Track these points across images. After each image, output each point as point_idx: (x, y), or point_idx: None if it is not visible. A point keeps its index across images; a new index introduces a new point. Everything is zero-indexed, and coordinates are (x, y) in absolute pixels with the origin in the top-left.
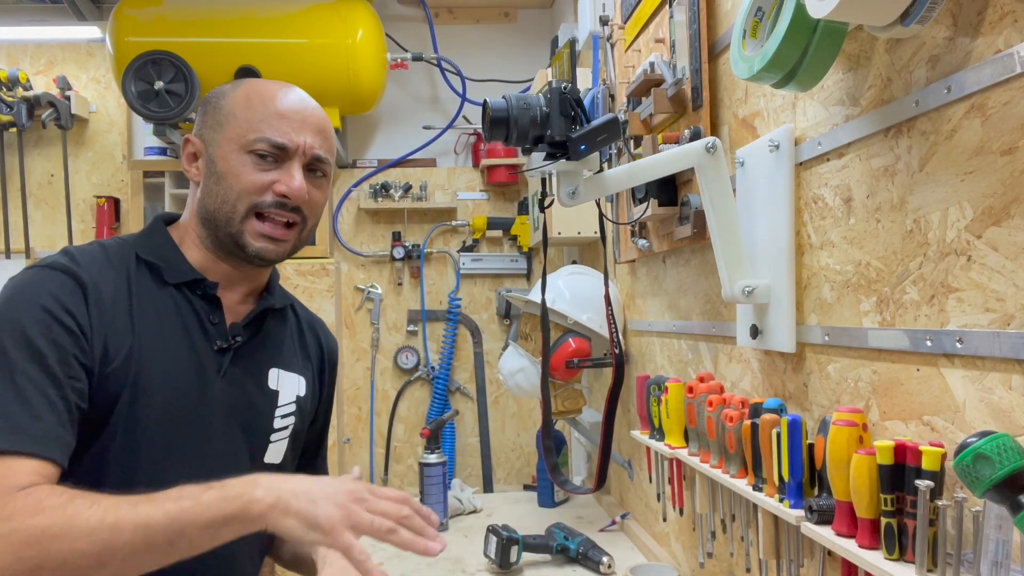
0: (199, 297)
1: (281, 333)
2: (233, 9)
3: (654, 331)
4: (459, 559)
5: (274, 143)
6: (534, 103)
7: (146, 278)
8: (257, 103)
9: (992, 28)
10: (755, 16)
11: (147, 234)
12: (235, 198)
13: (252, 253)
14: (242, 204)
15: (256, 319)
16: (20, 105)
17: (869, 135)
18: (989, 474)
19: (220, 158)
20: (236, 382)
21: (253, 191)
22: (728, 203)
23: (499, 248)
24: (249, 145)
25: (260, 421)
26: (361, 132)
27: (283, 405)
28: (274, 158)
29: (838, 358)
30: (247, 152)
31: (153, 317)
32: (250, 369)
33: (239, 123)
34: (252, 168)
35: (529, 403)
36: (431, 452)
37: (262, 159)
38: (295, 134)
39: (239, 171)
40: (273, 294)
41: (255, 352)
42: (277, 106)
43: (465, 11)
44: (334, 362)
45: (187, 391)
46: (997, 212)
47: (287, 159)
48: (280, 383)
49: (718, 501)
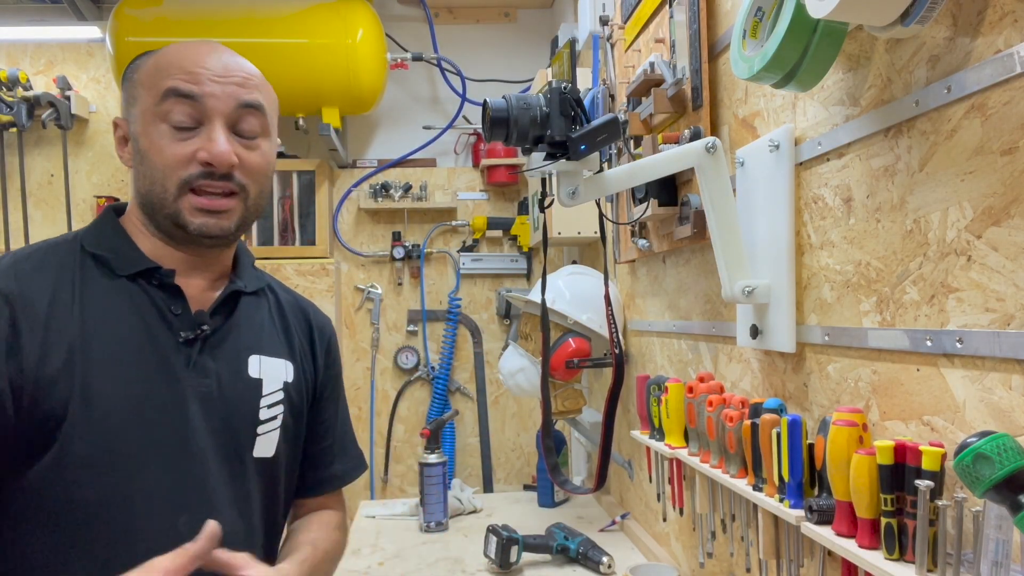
0: (156, 287)
1: (259, 317)
2: (233, 9)
3: (654, 331)
4: (459, 559)
5: (180, 91)
6: (534, 103)
7: (94, 273)
8: (164, 64)
9: (992, 28)
10: (755, 16)
11: (95, 225)
12: (162, 176)
13: (194, 231)
14: (170, 181)
15: (225, 305)
16: (20, 105)
17: (869, 135)
18: (989, 474)
19: (141, 135)
20: (210, 374)
21: (177, 165)
22: (728, 203)
23: (499, 248)
24: (162, 113)
25: (243, 413)
26: (361, 132)
27: (269, 394)
28: (191, 122)
29: (838, 358)
30: (162, 121)
31: (103, 314)
32: (225, 358)
33: (150, 92)
34: (171, 139)
35: (529, 403)
36: (431, 452)
37: (179, 128)
38: (205, 82)
39: (159, 145)
40: (242, 276)
41: (230, 340)
42: (182, 57)
43: (465, 11)
44: (329, 340)
45: (151, 389)
46: (997, 212)
47: (206, 121)
48: (263, 370)
49: (718, 501)
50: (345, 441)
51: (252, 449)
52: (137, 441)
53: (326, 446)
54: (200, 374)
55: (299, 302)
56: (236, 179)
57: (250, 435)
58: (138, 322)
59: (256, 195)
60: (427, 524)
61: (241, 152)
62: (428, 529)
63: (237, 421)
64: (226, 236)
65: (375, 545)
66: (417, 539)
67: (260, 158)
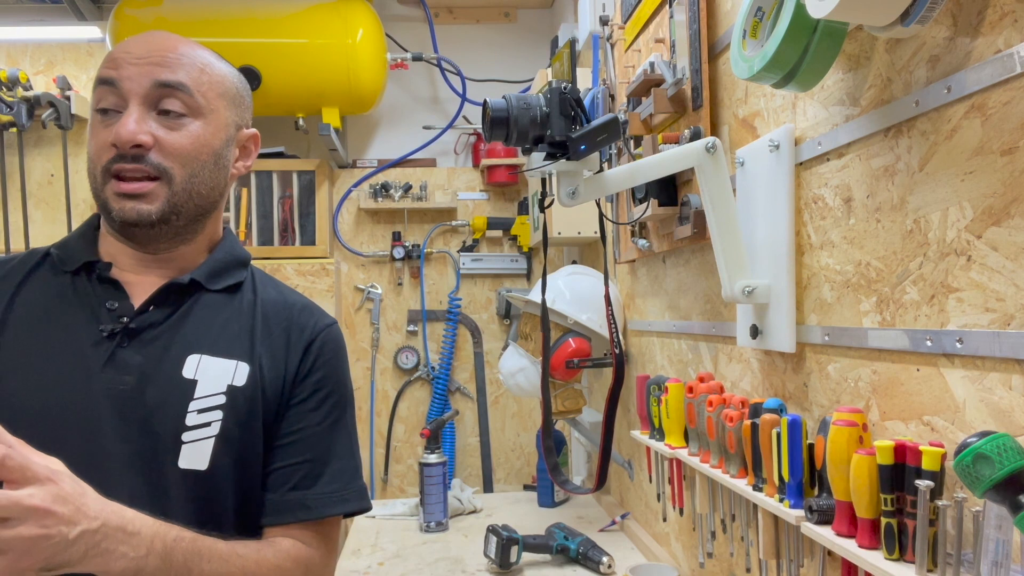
0: (97, 282)
1: (217, 317)
2: (233, 9)
3: (654, 331)
4: (459, 559)
5: (103, 79)
6: (534, 103)
7: (43, 270)
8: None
9: (992, 28)
10: (755, 16)
11: (75, 230)
12: (92, 166)
13: (118, 218)
14: (97, 170)
15: (165, 301)
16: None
17: (869, 135)
18: (989, 474)
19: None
20: (131, 371)
21: (101, 151)
22: (728, 203)
23: (499, 248)
24: (95, 103)
25: (164, 417)
26: (361, 132)
27: (202, 397)
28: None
29: (838, 358)
30: (95, 111)
31: (30, 306)
32: (154, 356)
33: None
34: (98, 128)
35: (529, 403)
36: (431, 452)
37: (104, 115)
38: (125, 65)
39: (91, 136)
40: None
41: (164, 336)
42: (115, 50)
43: (465, 11)
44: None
45: (62, 387)
46: (997, 212)
47: (124, 104)
48: (200, 371)
49: (718, 501)
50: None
51: (176, 459)
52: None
53: (295, 464)
54: (118, 371)
55: (288, 303)
56: (151, 161)
57: (173, 442)
58: (62, 315)
59: (185, 178)
60: (427, 524)
61: (160, 133)
62: (428, 529)
63: (157, 426)
64: (150, 221)
65: (375, 545)
66: (417, 539)
67: (185, 139)
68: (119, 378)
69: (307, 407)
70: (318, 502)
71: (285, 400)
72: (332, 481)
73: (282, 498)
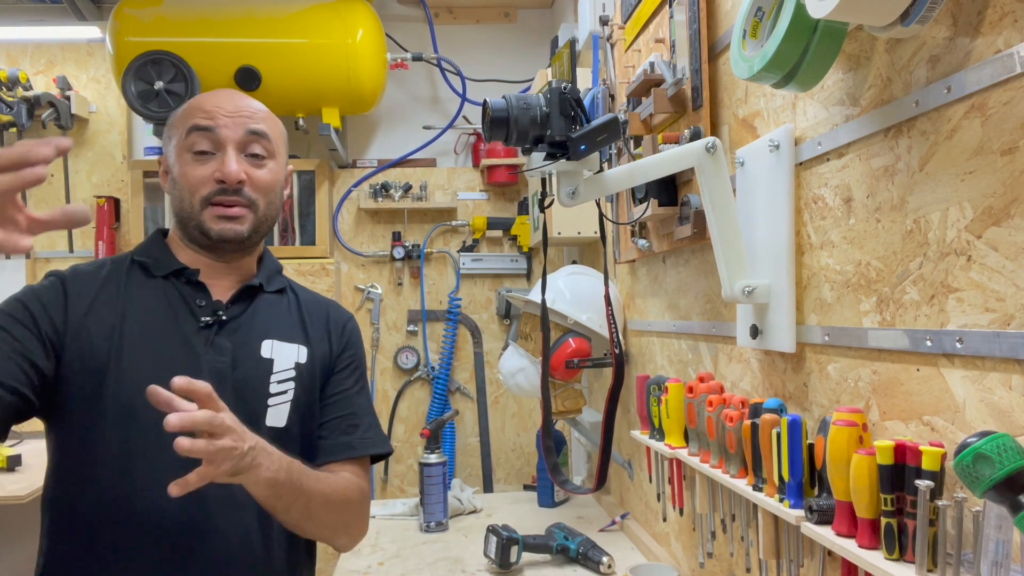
0: (185, 284)
1: (276, 310)
2: (233, 9)
3: (654, 331)
4: (459, 559)
5: (200, 127)
6: (534, 103)
7: (139, 275)
8: (190, 109)
9: (992, 28)
10: (755, 16)
11: (144, 242)
12: (189, 196)
13: (216, 236)
14: (195, 199)
15: (241, 299)
16: (20, 105)
17: (869, 135)
18: (989, 474)
19: (174, 165)
20: (225, 352)
21: (199, 184)
22: (728, 203)
23: (499, 248)
24: (188, 145)
25: (254, 386)
26: (361, 132)
27: (279, 371)
28: (211, 148)
29: (838, 358)
30: (187, 151)
31: (140, 303)
32: (241, 341)
33: (179, 129)
34: (194, 166)
35: (529, 403)
36: (431, 452)
37: (200, 155)
38: (218, 117)
39: (186, 171)
40: (261, 277)
41: (244, 327)
42: (203, 102)
43: (465, 11)
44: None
45: (173, 361)
46: (997, 212)
47: (220, 147)
48: (275, 352)
49: (718, 501)
50: (365, 420)
51: (264, 418)
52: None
53: (342, 416)
54: (217, 353)
55: (320, 300)
56: (245, 193)
57: (262, 406)
58: (167, 310)
59: (264, 206)
60: (427, 524)
61: (250, 170)
62: (428, 529)
63: (248, 394)
64: (240, 239)
65: (375, 545)
66: (417, 539)
67: (266, 175)
68: (218, 358)
69: (343, 375)
70: (361, 444)
71: (329, 371)
72: (367, 430)
73: (335, 442)
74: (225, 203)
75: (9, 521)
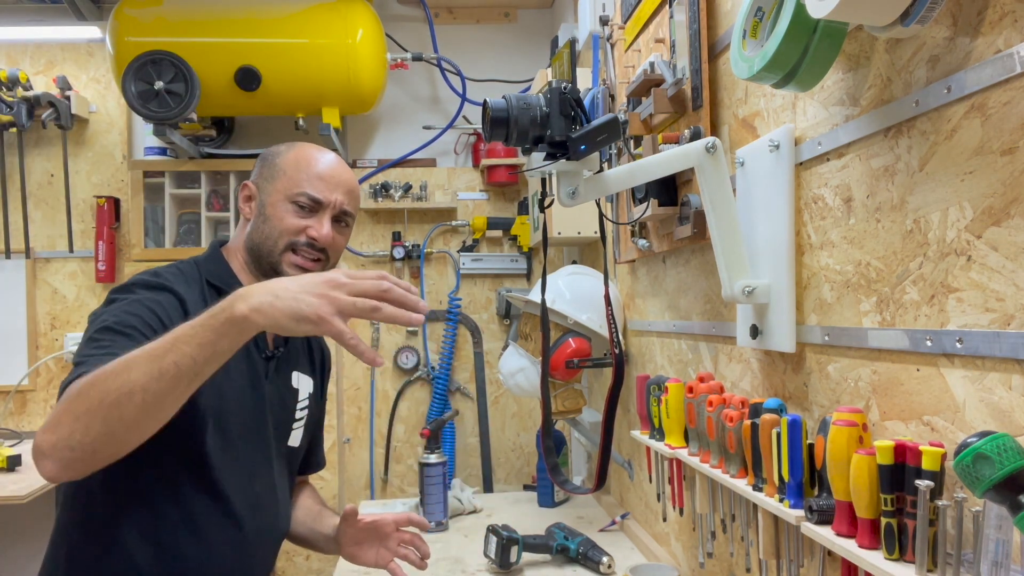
0: None
1: (297, 343)
2: (233, 9)
3: (654, 331)
4: (459, 559)
5: (312, 197)
6: (534, 103)
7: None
8: (304, 165)
9: (992, 28)
10: (755, 16)
11: (211, 261)
12: (277, 235)
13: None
14: (282, 241)
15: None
16: (20, 105)
17: (869, 135)
18: (989, 474)
19: (269, 204)
20: (275, 383)
21: (291, 232)
22: (728, 203)
23: (499, 248)
24: (293, 197)
25: (287, 414)
26: (361, 132)
27: (301, 400)
28: (310, 209)
29: (838, 358)
30: (291, 202)
31: None
32: (282, 372)
33: (287, 179)
34: (293, 215)
35: (529, 403)
36: (431, 452)
37: (301, 208)
38: (329, 192)
39: (283, 215)
40: None
41: (283, 359)
42: (318, 168)
43: (465, 11)
44: (329, 361)
45: (248, 390)
46: (997, 212)
47: (320, 211)
48: (299, 383)
49: (718, 501)
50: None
51: (288, 440)
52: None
53: (315, 439)
54: (271, 383)
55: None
56: (325, 252)
57: (288, 430)
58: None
59: (333, 263)
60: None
61: (335, 235)
62: (428, 529)
63: (283, 419)
64: None
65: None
66: None
67: (344, 240)
68: (271, 388)
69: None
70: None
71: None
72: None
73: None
74: (308, 256)
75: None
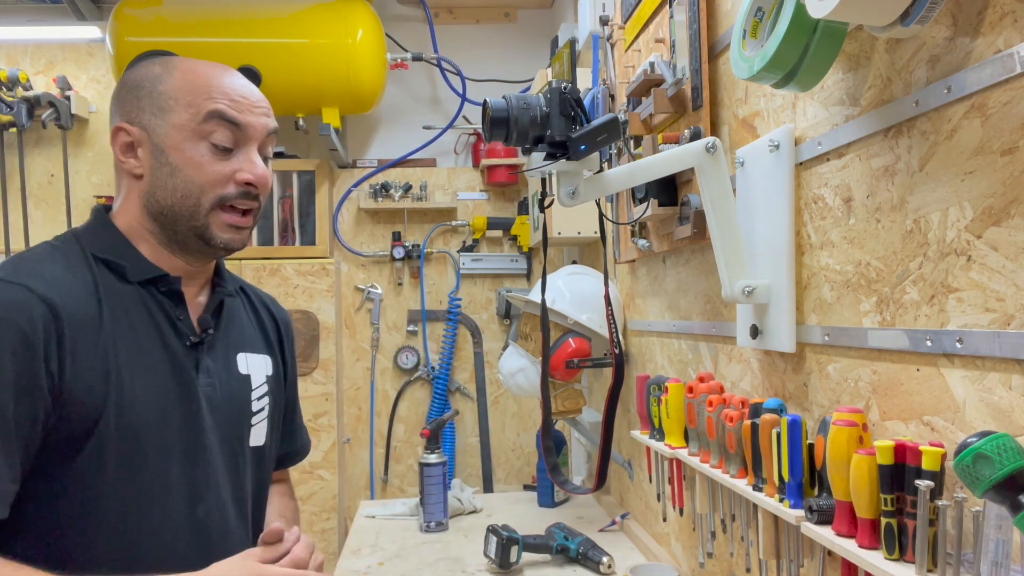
0: (162, 294)
1: (239, 317)
2: (233, 9)
3: (654, 331)
4: (459, 559)
5: (227, 117)
6: (534, 103)
7: (110, 279)
8: (201, 85)
9: (992, 28)
10: (755, 16)
11: (96, 230)
12: (198, 191)
13: (220, 245)
14: (206, 198)
15: (216, 309)
16: (20, 105)
17: (869, 135)
18: (989, 474)
19: (171, 148)
20: (212, 374)
21: (217, 183)
22: (728, 203)
23: (499, 248)
24: (204, 132)
25: (239, 410)
26: (361, 132)
27: (256, 388)
28: (231, 144)
29: (838, 358)
30: (202, 139)
31: (125, 321)
32: (220, 358)
33: (185, 107)
34: (212, 158)
35: (529, 403)
36: (431, 452)
37: (216, 147)
38: (251, 114)
39: (199, 162)
40: (224, 281)
41: (220, 341)
42: (223, 86)
43: (465, 11)
44: (290, 333)
45: (171, 391)
46: (997, 212)
47: (243, 144)
48: (249, 366)
49: (718, 501)
50: (299, 419)
51: (248, 440)
52: (163, 440)
53: (289, 425)
54: (205, 374)
55: (262, 297)
56: (259, 198)
57: (245, 427)
58: (154, 328)
59: (263, 205)
60: (427, 524)
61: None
62: (428, 529)
63: (235, 415)
64: (242, 247)
65: (375, 545)
66: (417, 539)
67: (270, 177)
68: (206, 380)
69: (292, 381)
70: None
71: (288, 379)
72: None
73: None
74: (242, 207)
75: None
